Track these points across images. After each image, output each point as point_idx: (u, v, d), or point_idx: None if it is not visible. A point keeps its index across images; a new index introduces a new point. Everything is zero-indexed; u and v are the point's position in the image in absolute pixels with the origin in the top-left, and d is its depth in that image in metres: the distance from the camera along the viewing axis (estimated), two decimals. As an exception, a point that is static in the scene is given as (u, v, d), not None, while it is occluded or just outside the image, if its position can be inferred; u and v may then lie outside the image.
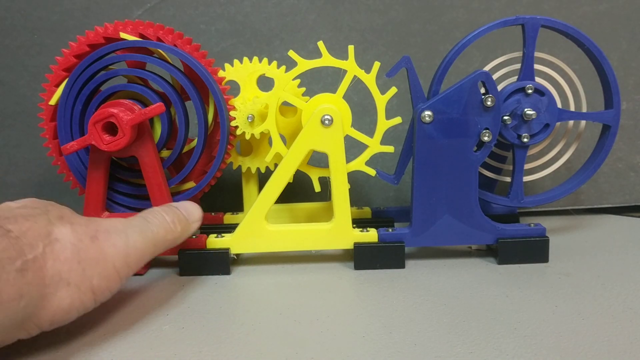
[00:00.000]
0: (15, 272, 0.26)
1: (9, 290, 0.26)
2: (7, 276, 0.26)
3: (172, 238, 0.37)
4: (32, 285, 0.27)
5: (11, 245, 0.27)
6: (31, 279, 0.27)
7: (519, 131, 0.45)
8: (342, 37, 0.56)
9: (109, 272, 0.32)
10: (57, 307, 0.29)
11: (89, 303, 0.31)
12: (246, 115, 0.47)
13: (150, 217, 0.36)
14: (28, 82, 0.56)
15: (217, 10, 0.56)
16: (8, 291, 0.26)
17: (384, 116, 0.44)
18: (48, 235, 0.29)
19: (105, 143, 0.39)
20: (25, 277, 0.27)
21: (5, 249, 0.27)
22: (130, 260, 0.33)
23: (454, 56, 0.45)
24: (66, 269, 0.29)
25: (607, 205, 0.59)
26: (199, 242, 0.43)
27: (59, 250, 0.29)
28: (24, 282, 0.27)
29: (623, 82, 0.56)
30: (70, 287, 0.29)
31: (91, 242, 0.31)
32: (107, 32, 0.42)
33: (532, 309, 0.35)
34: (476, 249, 0.46)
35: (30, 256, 0.28)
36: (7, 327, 0.27)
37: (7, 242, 0.27)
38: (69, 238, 0.30)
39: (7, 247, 0.27)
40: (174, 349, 0.31)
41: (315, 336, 0.32)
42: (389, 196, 0.59)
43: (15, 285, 0.26)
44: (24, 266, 0.27)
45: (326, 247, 0.44)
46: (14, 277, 0.26)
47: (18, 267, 0.27)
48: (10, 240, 0.27)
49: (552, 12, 0.55)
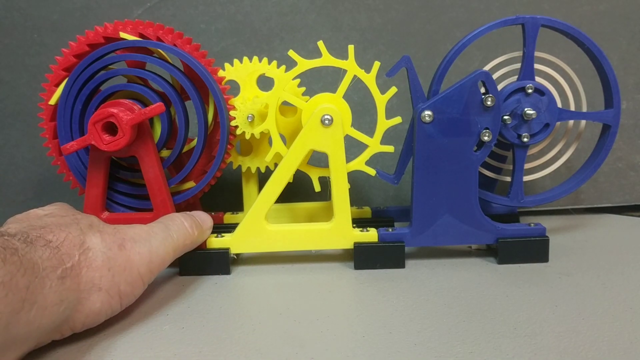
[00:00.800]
0: (57, 280, 0.29)
1: (52, 296, 0.28)
2: (50, 283, 0.28)
3: (190, 243, 0.40)
4: (70, 291, 0.30)
5: (53, 255, 0.30)
6: (69, 285, 0.30)
7: (519, 131, 0.45)
8: (342, 37, 0.56)
9: (134, 278, 0.34)
10: (89, 311, 0.32)
11: (116, 307, 0.34)
12: (246, 115, 0.47)
13: (170, 224, 0.39)
14: (28, 82, 0.56)
15: (217, 9, 0.56)
16: (51, 297, 0.28)
17: (384, 116, 0.44)
18: (82, 245, 0.32)
19: (105, 143, 0.39)
20: (64, 284, 0.29)
21: (49, 259, 0.29)
22: (153, 267, 0.36)
23: (454, 56, 0.45)
24: (98, 275, 0.32)
25: (607, 204, 0.59)
26: (199, 242, 0.43)
27: (92, 259, 0.32)
28: (64, 288, 0.29)
29: (623, 81, 0.56)
30: (101, 292, 0.32)
31: (119, 250, 0.34)
32: (106, 32, 0.42)
33: (532, 309, 0.35)
34: (476, 248, 0.46)
35: (68, 265, 0.30)
36: (48, 330, 0.29)
37: (49, 252, 0.29)
38: (99, 247, 0.33)
39: (50, 257, 0.29)
40: (174, 349, 0.31)
41: (315, 336, 0.32)
42: (389, 196, 0.59)
43: (57, 292, 0.29)
44: (63, 274, 0.29)
45: (326, 247, 0.44)
46: (56, 284, 0.29)
47: (59, 275, 0.29)
48: (52, 251, 0.30)
49: (552, 11, 0.55)
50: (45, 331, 0.29)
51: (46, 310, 0.28)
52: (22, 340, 0.27)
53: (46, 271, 0.28)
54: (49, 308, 0.28)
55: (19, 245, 0.28)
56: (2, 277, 0.25)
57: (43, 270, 0.28)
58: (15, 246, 0.27)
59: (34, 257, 0.28)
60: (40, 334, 0.28)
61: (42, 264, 0.28)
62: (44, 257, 0.29)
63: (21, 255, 0.27)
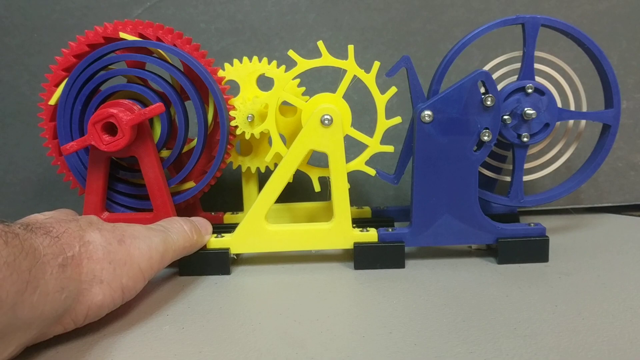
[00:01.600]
0: (58, 267, 0.29)
1: (53, 282, 0.28)
2: (51, 270, 0.29)
3: (189, 245, 0.41)
4: (71, 280, 0.30)
5: (54, 243, 0.30)
6: (70, 274, 0.30)
7: (519, 130, 0.45)
8: (342, 36, 0.56)
9: (135, 272, 0.35)
10: (91, 302, 0.32)
11: (118, 300, 0.34)
12: (246, 115, 0.47)
13: (169, 226, 0.40)
14: (28, 81, 0.56)
15: (217, 8, 0.56)
16: (53, 284, 0.28)
17: (384, 116, 0.44)
18: (81, 238, 0.32)
19: (105, 143, 0.39)
20: (65, 272, 0.30)
21: (49, 246, 0.29)
22: (153, 263, 0.36)
23: (454, 55, 0.44)
24: (99, 267, 0.32)
25: (607, 204, 0.59)
26: (199, 241, 0.43)
27: (92, 251, 0.32)
28: (65, 276, 0.29)
29: (623, 81, 0.56)
30: (103, 285, 0.32)
31: (119, 245, 0.34)
32: (106, 32, 0.42)
33: (532, 309, 0.35)
34: (476, 248, 0.46)
35: (69, 254, 0.31)
36: (50, 318, 0.29)
37: (50, 240, 0.30)
38: (99, 241, 0.33)
39: (50, 244, 0.30)
40: (174, 349, 0.31)
41: (315, 336, 0.32)
42: (389, 196, 0.59)
43: (58, 279, 0.29)
44: (64, 262, 0.30)
45: (326, 247, 0.44)
46: (57, 272, 0.29)
47: (60, 263, 0.29)
48: (52, 240, 0.30)
49: (552, 11, 0.55)
50: (48, 319, 0.29)
51: (48, 297, 0.28)
52: (26, 325, 0.27)
53: (47, 257, 0.29)
54: (51, 294, 0.28)
55: (20, 231, 0.28)
56: (6, 258, 0.25)
57: (44, 256, 0.28)
58: (15, 231, 0.28)
59: (35, 243, 0.28)
60: (43, 321, 0.28)
61: (43, 250, 0.28)
62: (45, 244, 0.29)
63: (22, 239, 0.27)
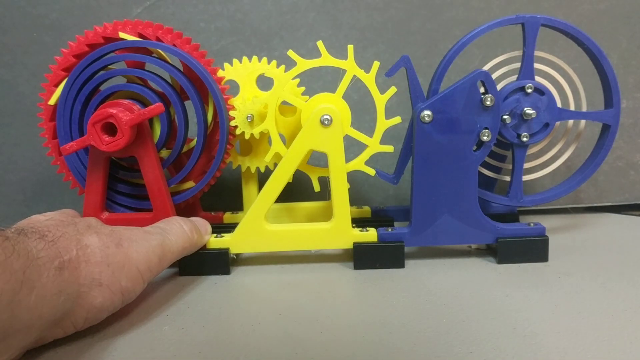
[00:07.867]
0: (55, 270, 0.29)
1: (51, 285, 0.28)
2: (47, 273, 0.28)
3: (189, 246, 0.40)
4: (69, 283, 0.30)
5: (48, 247, 0.30)
6: (68, 277, 0.30)
7: (519, 130, 0.45)
8: (341, 35, 0.56)
9: (134, 274, 0.35)
10: (90, 305, 0.32)
11: (118, 303, 0.34)
12: (245, 115, 0.47)
13: (168, 227, 0.39)
14: (27, 80, 0.56)
15: (217, 8, 0.56)
16: (50, 287, 0.28)
17: (384, 116, 0.44)
18: (79, 242, 0.32)
19: (105, 143, 0.39)
20: (62, 275, 0.30)
21: (44, 249, 0.29)
22: (152, 265, 0.36)
23: (454, 55, 0.44)
24: (97, 270, 0.32)
25: (606, 203, 0.59)
26: (198, 241, 0.43)
27: (90, 254, 0.32)
28: (62, 279, 0.29)
29: (623, 80, 0.56)
30: (102, 288, 0.32)
31: (117, 248, 0.34)
32: (106, 32, 0.42)
33: (531, 309, 0.35)
34: (476, 248, 0.47)
35: (66, 257, 0.30)
36: (49, 321, 0.29)
37: (44, 244, 0.30)
38: (97, 244, 0.33)
39: (44, 248, 0.29)
40: (174, 350, 0.31)
41: (315, 336, 0.32)
42: (389, 195, 0.59)
43: (56, 282, 0.29)
44: (61, 265, 0.30)
45: (326, 247, 0.44)
46: (54, 275, 0.29)
47: (57, 266, 0.29)
48: (47, 244, 0.30)
49: (551, 10, 0.55)
50: (47, 322, 0.29)
51: (46, 299, 0.28)
52: (26, 328, 0.27)
53: (42, 260, 0.28)
54: (49, 297, 0.28)
55: (11, 234, 0.28)
56: None
57: (38, 258, 0.28)
58: (6, 235, 0.28)
59: (28, 246, 0.28)
60: (42, 324, 0.28)
61: (37, 253, 0.28)
62: (39, 247, 0.29)
63: (13, 242, 0.27)
